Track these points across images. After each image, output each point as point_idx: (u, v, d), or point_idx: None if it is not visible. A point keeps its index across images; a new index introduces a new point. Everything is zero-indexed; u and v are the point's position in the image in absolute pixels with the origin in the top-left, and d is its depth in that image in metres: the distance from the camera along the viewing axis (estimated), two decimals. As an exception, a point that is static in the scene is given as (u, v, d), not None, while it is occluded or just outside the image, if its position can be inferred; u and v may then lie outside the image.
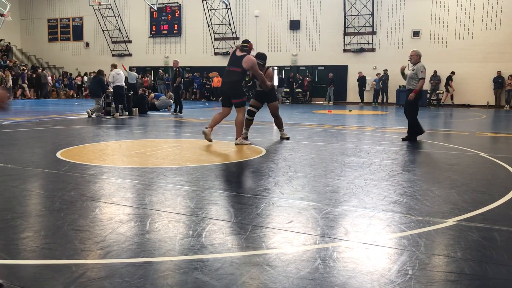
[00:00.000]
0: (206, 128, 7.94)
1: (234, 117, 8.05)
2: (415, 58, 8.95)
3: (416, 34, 23.81)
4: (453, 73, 22.74)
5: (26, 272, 2.57)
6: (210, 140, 7.90)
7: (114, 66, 14.62)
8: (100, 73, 14.65)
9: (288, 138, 8.70)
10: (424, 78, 8.76)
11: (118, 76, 14.18)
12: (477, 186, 4.90)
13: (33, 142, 8.12)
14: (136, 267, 2.62)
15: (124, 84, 14.41)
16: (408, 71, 9.06)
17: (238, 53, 7.89)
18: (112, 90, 14.35)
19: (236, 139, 7.93)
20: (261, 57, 8.42)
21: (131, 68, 20.77)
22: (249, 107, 8.66)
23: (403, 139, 8.87)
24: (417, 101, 8.92)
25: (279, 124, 8.88)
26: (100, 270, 2.58)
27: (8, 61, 29.35)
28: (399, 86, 23.46)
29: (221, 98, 8.21)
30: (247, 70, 7.83)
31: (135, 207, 3.93)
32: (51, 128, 10.60)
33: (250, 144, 7.91)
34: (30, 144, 7.90)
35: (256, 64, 7.86)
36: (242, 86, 8.05)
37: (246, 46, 7.92)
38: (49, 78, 28.85)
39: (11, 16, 27.23)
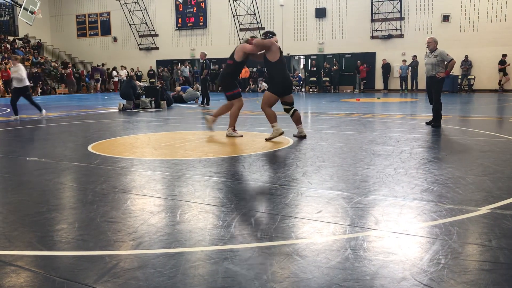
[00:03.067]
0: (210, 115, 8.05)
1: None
2: (433, 45, 8.97)
3: (445, 18, 23.21)
4: (504, 55, 21.86)
5: (62, 263, 2.64)
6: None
7: (17, 60, 11.66)
8: (132, 77, 15.73)
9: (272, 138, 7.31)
10: (454, 59, 8.87)
11: (23, 74, 11.26)
12: (511, 173, 4.77)
13: (65, 137, 8.31)
14: (167, 257, 2.66)
15: (27, 83, 11.45)
16: (429, 59, 9.05)
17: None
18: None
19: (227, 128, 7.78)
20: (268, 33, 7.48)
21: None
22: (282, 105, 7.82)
23: (427, 124, 9.03)
24: (442, 85, 9.06)
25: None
26: (133, 261, 2.63)
27: (39, 58, 30.04)
28: (429, 72, 22.98)
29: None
30: (240, 62, 7.48)
31: (165, 198, 3.98)
32: (82, 122, 10.82)
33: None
34: (62, 138, 8.09)
35: (248, 48, 7.35)
36: (232, 79, 7.64)
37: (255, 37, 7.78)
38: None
39: (41, 13, 27.78)
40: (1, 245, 2.90)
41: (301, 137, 7.49)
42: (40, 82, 26.40)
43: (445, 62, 8.78)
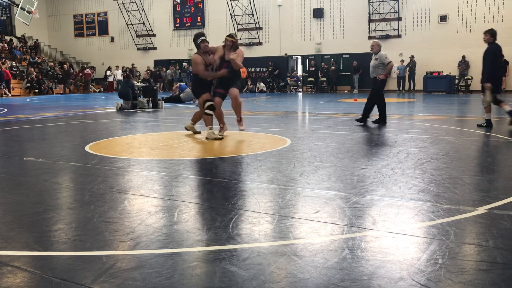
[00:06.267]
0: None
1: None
2: (376, 48, 9.42)
3: (443, 19, 23.27)
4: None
5: (59, 263, 2.63)
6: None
7: None
8: (129, 77, 15.64)
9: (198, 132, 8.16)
10: (391, 62, 9.32)
11: None
12: (508, 173, 4.78)
13: (62, 137, 8.29)
14: (165, 257, 2.65)
15: None
16: (372, 61, 9.48)
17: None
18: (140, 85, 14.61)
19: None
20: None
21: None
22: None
23: (373, 122, 9.48)
24: (382, 89, 9.51)
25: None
26: (130, 261, 2.62)
27: (36, 58, 29.98)
28: (426, 73, 23.04)
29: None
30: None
31: (163, 198, 3.98)
32: (79, 122, 10.80)
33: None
34: (59, 138, 8.07)
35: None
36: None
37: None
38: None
39: (38, 13, 27.73)
40: (-3, 245, 2.89)
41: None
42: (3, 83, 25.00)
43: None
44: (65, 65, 29.51)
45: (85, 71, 30.21)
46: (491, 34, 8.80)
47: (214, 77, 7.62)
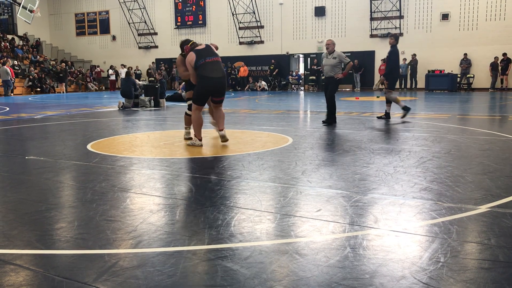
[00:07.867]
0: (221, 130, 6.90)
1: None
2: (332, 47, 9.34)
3: (445, 17, 23.21)
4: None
5: (61, 262, 2.64)
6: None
7: None
8: (129, 74, 15.36)
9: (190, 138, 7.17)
10: (351, 61, 9.34)
11: None
12: (510, 172, 4.77)
13: (64, 135, 8.30)
14: (167, 256, 2.66)
15: None
16: (327, 60, 9.33)
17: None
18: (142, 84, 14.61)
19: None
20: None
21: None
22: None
23: (323, 122, 9.28)
24: (338, 85, 9.50)
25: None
26: (132, 259, 2.62)
27: (38, 56, 30.00)
28: (428, 71, 22.99)
29: (210, 94, 6.94)
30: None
31: (164, 197, 3.98)
32: (81, 121, 10.81)
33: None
34: (61, 137, 8.08)
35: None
36: None
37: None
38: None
39: (40, 12, 27.72)
40: (0, 243, 2.90)
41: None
42: None
43: (343, 64, 9.20)
44: (62, 64, 29.53)
45: (96, 70, 31.31)
46: (395, 38, 10.04)
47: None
